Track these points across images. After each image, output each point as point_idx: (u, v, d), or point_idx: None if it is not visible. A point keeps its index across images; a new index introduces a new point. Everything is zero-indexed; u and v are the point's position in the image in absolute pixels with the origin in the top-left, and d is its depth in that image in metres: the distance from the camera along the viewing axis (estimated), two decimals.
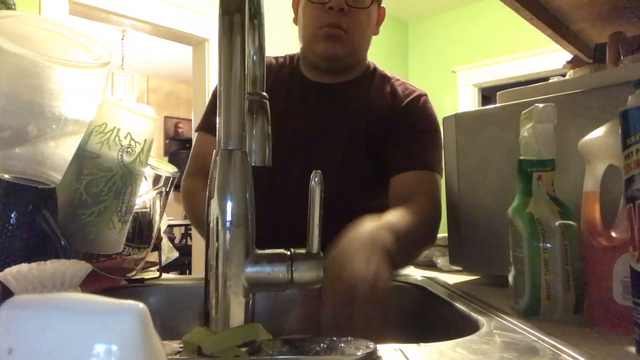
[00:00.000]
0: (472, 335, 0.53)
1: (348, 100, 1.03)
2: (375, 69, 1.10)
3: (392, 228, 0.71)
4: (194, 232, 3.95)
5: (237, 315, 0.45)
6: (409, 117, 1.01)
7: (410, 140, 0.99)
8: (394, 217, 0.78)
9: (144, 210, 0.81)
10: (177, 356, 0.44)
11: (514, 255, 0.62)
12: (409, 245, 0.77)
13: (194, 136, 1.15)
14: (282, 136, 0.99)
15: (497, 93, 0.88)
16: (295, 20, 1.05)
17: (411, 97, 1.03)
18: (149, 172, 0.81)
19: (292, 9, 1.08)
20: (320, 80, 1.05)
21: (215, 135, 0.46)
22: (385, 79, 1.07)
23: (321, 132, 1.02)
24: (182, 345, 0.46)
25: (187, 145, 5.70)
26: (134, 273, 0.84)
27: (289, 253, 0.47)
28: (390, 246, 0.65)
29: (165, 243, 0.93)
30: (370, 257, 0.59)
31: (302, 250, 0.47)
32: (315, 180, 0.47)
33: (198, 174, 1.03)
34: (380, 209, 1.04)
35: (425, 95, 1.06)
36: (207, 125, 1.08)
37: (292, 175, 1.00)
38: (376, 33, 1.06)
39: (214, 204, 0.45)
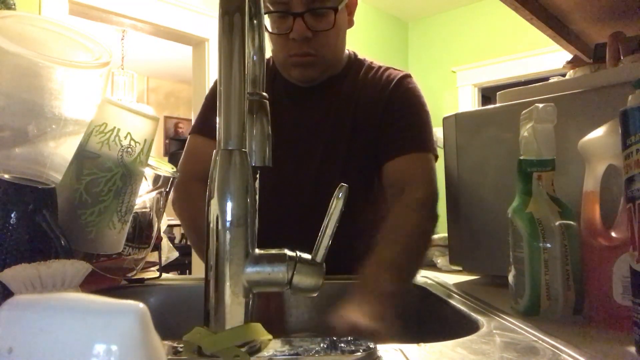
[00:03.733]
0: (472, 335, 0.53)
1: (337, 95, 1.01)
2: (358, 59, 1.07)
3: (390, 264, 0.76)
4: None
5: (237, 315, 0.45)
6: (395, 103, 0.99)
7: (399, 125, 0.97)
8: (392, 242, 0.81)
9: (144, 210, 0.81)
10: (177, 356, 0.44)
11: (514, 255, 0.62)
12: (412, 259, 0.81)
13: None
14: (273, 142, 0.97)
15: (497, 93, 0.88)
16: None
17: (395, 81, 1.01)
18: (149, 172, 0.81)
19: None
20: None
21: (209, 138, 0.46)
22: (369, 68, 1.05)
23: (314, 131, 1.01)
24: (182, 345, 0.46)
25: None
26: (134, 273, 0.84)
27: (289, 254, 0.47)
28: (389, 287, 0.72)
29: (165, 243, 0.93)
30: (371, 306, 0.67)
31: (307, 256, 0.47)
32: (339, 195, 0.47)
33: (192, 180, 1.00)
34: (377, 203, 1.04)
35: (409, 76, 1.03)
36: (201, 128, 1.04)
37: (285, 176, 0.99)
38: (350, 25, 1.02)
39: (214, 204, 0.45)
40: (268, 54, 1.07)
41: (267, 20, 0.94)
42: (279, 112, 1.00)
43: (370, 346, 0.46)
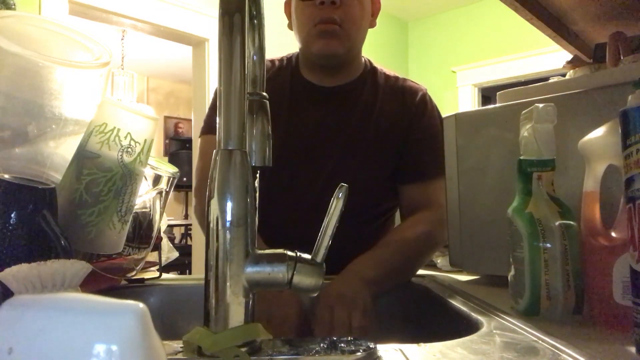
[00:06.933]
0: (472, 335, 0.53)
1: (358, 100, 1.03)
2: (373, 66, 1.09)
3: (377, 261, 0.86)
4: (194, 232, 3.95)
5: (237, 315, 0.45)
6: (422, 120, 1.03)
7: (423, 147, 1.02)
8: (388, 243, 0.91)
9: (144, 210, 0.81)
10: (177, 356, 0.44)
11: (514, 255, 0.62)
12: (405, 261, 0.90)
13: (194, 137, 1.14)
14: (289, 141, 0.98)
15: (497, 93, 0.88)
16: (290, 26, 1.04)
17: (419, 96, 1.05)
18: (149, 172, 0.81)
19: (285, 14, 1.07)
20: (323, 83, 1.04)
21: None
22: (387, 78, 1.07)
23: (332, 134, 1.01)
24: (182, 345, 0.46)
25: (187, 145, 5.70)
26: (134, 273, 0.84)
27: (289, 254, 0.47)
28: (370, 277, 0.82)
29: (165, 243, 0.93)
30: (349, 283, 0.79)
31: (307, 256, 0.47)
32: (339, 195, 0.47)
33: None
34: (389, 211, 1.05)
35: (426, 91, 1.08)
36: (212, 127, 1.06)
37: (300, 181, 1.00)
38: (372, 25, 1.05)
39: (214, 204, 0.45)
40: (270, 55, 1.08)
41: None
42: (297, 112, 1.02)
43: (370, 346, 0.46)
